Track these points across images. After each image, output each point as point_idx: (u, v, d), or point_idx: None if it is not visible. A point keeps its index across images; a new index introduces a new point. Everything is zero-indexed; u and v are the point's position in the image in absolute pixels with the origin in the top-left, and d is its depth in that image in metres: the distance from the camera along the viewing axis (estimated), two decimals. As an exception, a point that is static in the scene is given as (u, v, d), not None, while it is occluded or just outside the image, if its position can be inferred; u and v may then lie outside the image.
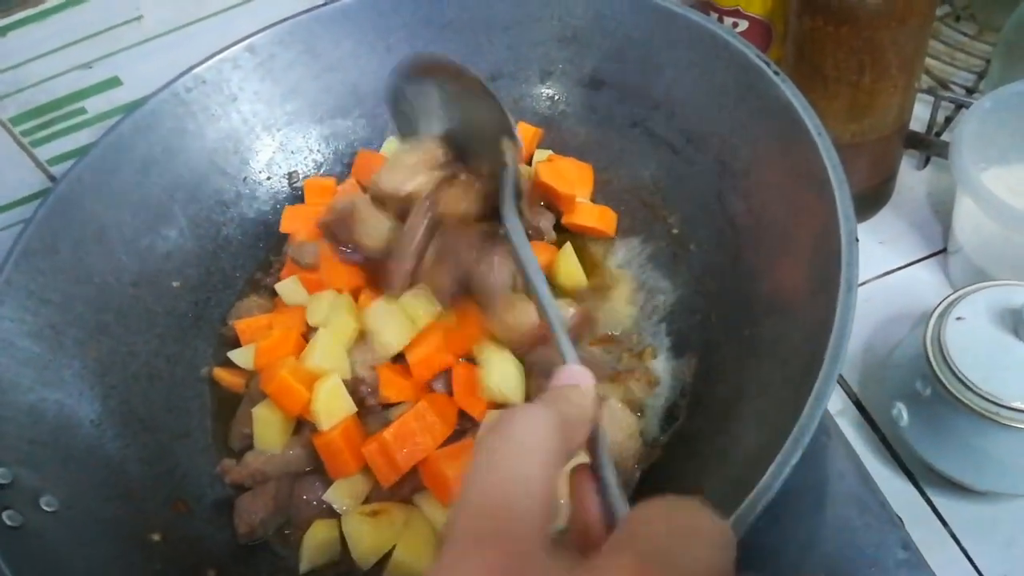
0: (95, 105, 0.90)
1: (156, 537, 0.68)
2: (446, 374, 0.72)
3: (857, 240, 0.56)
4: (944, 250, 0.90)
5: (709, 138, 0.77)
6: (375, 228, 0.72)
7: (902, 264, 0.90)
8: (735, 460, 0.57)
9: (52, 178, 0.91)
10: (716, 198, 0.76)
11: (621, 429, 0.66)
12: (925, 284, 0.88)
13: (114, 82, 0.89)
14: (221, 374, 0.80)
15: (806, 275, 0.60)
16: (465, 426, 0.71)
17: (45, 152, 0.90)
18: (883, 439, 0.78)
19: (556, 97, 0.90)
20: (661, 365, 0.75)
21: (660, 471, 0.68)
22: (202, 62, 0.85)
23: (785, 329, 0.61)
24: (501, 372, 0.69)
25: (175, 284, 0.84)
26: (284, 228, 0.87)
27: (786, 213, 0.66)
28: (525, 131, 0.89)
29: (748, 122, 0.72)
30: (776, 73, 0.67)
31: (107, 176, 0.81)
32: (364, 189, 0.87)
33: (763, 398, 0.59)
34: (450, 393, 0.72)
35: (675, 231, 0.81)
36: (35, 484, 0.64)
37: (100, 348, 0.76)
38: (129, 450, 0.72)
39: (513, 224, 0.58)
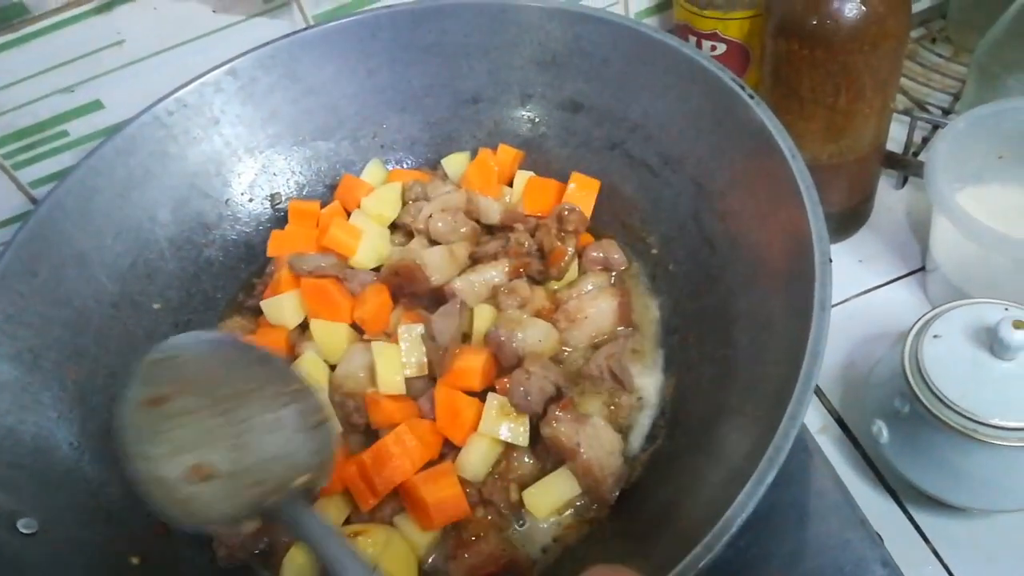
0: (77, 128, 0.90)
1: (135, 560, 0.67)
2: (430, 396, 0.73)
3: (831, 260, 0.56)
4: (922, 268, 0.90)
5: (686, 160, 0.78)
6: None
7: (881, 283, 0.91)
8: (712, 480, 0.57)
9: (34, 200, 0.91)
10: (693, 218, 0.76)
11: (603, 446, 0.66)
12: (904, 302, 0.89)
13: (96, 105, 0.89)
14: None
15: (781, 295, 0.61)
16: (446, 451, 0.71)
17: (27, 175, 0.90)
18: (864, 456, 0.78)
19: (536, 120, 0.91)
20: (650, 383, 0.75)
21: (637, 490, 0.69)
22: (184, 86, 0.86)
23: (760, 349, 0.62)
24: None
25: (156, 306, 0.84)
26: (271, 252, 0.87)
27: (761, 234, 0.67)
28: (506, 153, 0.90)
29: (724, 144, 0.72)
30: (751, 96, 0.68)
31: (88, 199, 0.81)
32: (348, 213, 0.88)
33: (739, 417, 0.59)
34: (433, 418, 0.72)
35: (654, 251, 0.82)
36: (12, 507, 0.64)
37: (79, 371, 0.76)
38: (108, 473, 0.72)
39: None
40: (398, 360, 0.73)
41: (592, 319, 0.76)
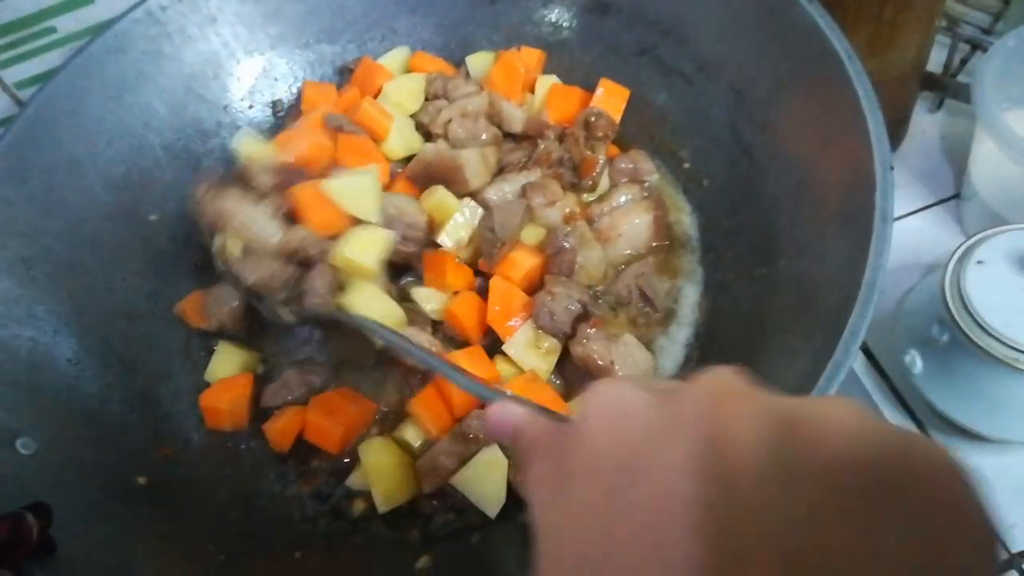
0: (64, 24, 0.83)
1: (142, 480, 0.65)
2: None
3: (892, 168, 0.52)
4: (957, 196, 0.87)
5: (724, 66, 0.73)
6: None
7: (913, 210, 0.87)
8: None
9: (20, 102, 0.85)
10: (730, 130, 0.72)
11: (637, 364, 0.63)
12: (937, 230, 0.85)
13: (85, -1, 0.83)
14: (185, 308, 0.76)
15: (834, 208, 0.57)
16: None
17: (12, 75, 0.84)
18: (892, 387, 0.76)
19: (559, 22, 0.86)
20: (684, 303, 0.72)
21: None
22: (179, -22, 0.79)
23: (807, 266, 0.58)
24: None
25: (153, 218, 0.79)
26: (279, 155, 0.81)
27: (810, 144, 0.62)
28: (529, 55, 0.84)
29: (768, 48, 0.68)
30: (802, -6, 0.63)
31: (78, 100, 0.76)
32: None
33: (786, 336, 0.56)
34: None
35: (686, 165, 0.77)
36: (10, 425, 0.61)
37: (74, 284, 0.72)
38: (109, 391, 0.69)
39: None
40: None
41: (627, 236, 0.72)
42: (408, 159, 0.79)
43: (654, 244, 0.74)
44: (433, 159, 0.73)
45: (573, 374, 0.66)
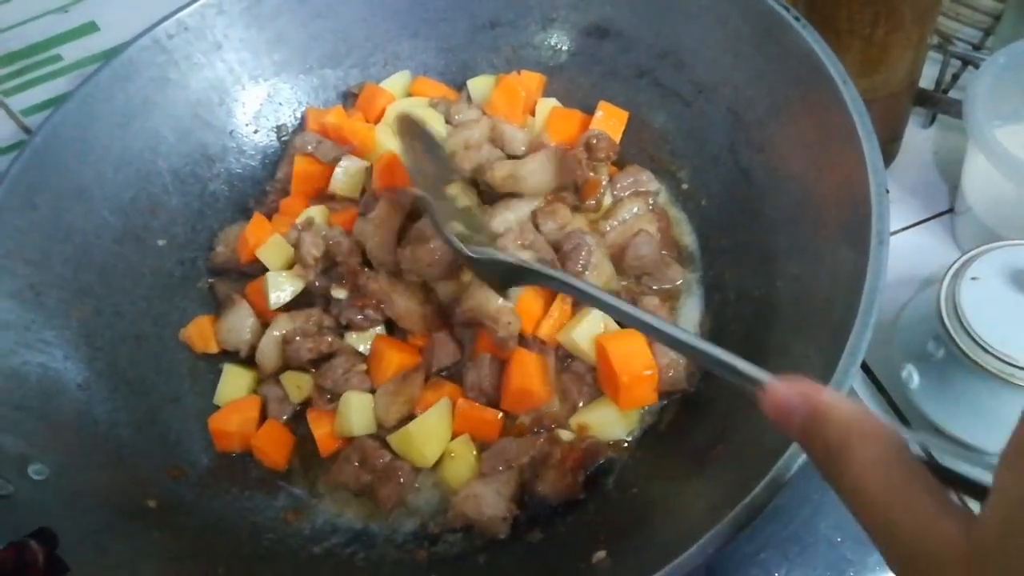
0: (71, 52, 0.84)
1: (152, 504, 0.65)
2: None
3: (887, 191, 0.53)
4: (950, 210, 0.88)
5: (721, 88, 0.74)
6: None
7: (907, 225, 0.88)
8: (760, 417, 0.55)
9: (27, 130, 0.86)
10: (728, 150, 0.73)
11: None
12: (931, 245, 0.86)
13: (91, 27, 0.84)
14: (191, 334, 0.77)
15: (831, 229, 0.58)
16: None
17: (19, 102, 0.85)
18: (890, 401, 0.77)
19: (558, 46, 0.87)
20: (686, 322, 0.73)
21: (664, 436, 0.67)
22: (184, 7, 0.81)
23: (805, 286, 0.59)
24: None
25: (160, 242, 0.80)
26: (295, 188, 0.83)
27: (806, 165, 0.63)
28: (529, 78, 0.85)
29: (765, 71, 0.69)
30: (796, 19, 0.64)
31: (86, 128, 0.77)
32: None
33: (785, 357, 0.57)
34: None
35: (685, 185, 0.79)
36: (22, 451, 0.62)
37: (84, 309, 0.73)
38: (119, 414, 0.69)
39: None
40: None
41: (634, 247, 0.73)
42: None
43: (663, 253, 0.75)
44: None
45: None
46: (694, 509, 0.52)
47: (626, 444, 0.67)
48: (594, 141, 0.76)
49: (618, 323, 0.67)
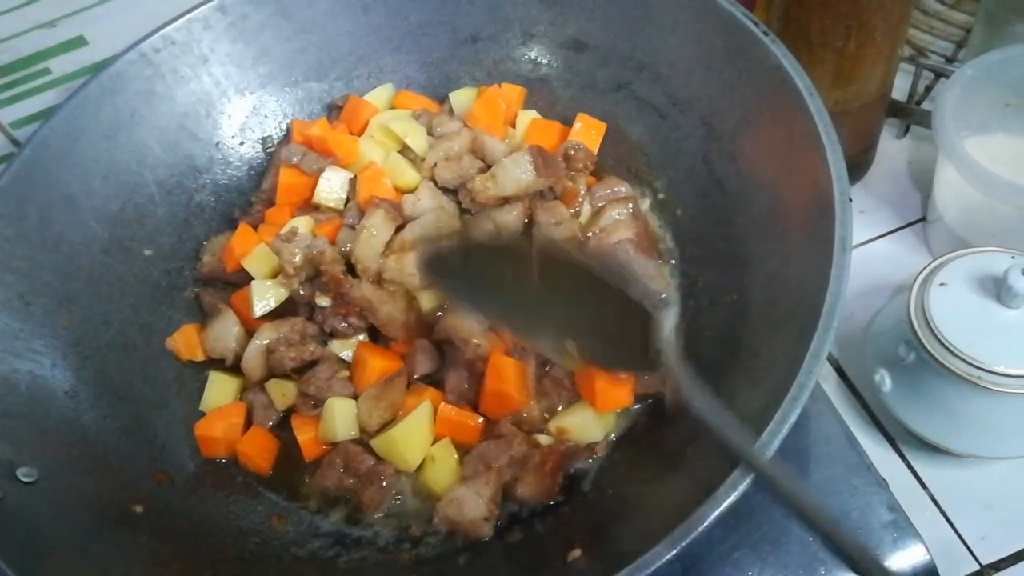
0: (60, 66, 0.86)
1: (139, 509, 0.66)
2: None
3: (851, 200, 0.55)
4: (923, 219, 0.90)
5: (695, 100, 0.76)
6: None
7: (880, 233, 0.90)
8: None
9: (15, 142, 0.87)
10: (702, 161, 0.75)
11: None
12: (903, 253, 0.88)
13: (79, 42, 0.85)
14: (177, 342, 0.78)
15: (798, 236, 0.60)
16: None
17: (7, 115, 0.86)
18: (864, 405, 0.79)
19: (538, 59, 0.89)
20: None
21: (639, 438, 0.69)
22: (171, 22, 0.82)
23: (775, 293, 0.61)
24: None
25: (147, 252, 0.81)
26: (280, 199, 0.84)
27: (776, 174, 0.65)
28: (510, 91, 0.87)
29: (736, 84, 0.71)
30: (765, 33, 0.67)
31: (74, 140, 0.78)
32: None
33: (754, 360, 0.59)
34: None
35: (661, 196, 0.81)
36: (10, 456, 0.63)
37: (71, 317, 0.74)
38: (106, 421, 0.71)
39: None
40: None
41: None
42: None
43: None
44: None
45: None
46: (665, 508, 0.53)
47: (603, 446, 0.69)
48: (573, 152, 0.78)
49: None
